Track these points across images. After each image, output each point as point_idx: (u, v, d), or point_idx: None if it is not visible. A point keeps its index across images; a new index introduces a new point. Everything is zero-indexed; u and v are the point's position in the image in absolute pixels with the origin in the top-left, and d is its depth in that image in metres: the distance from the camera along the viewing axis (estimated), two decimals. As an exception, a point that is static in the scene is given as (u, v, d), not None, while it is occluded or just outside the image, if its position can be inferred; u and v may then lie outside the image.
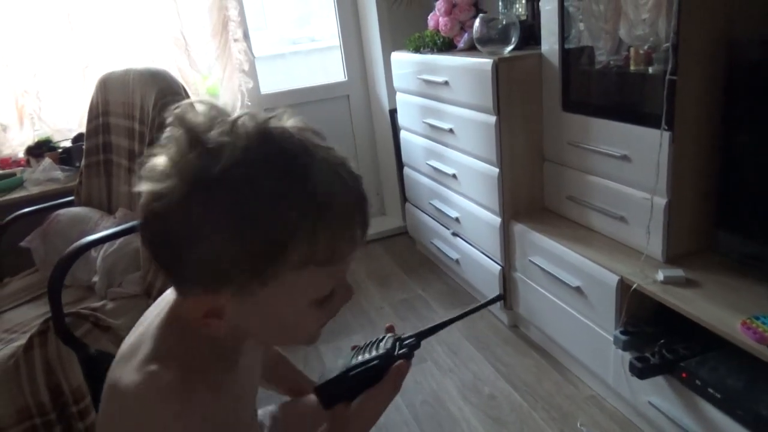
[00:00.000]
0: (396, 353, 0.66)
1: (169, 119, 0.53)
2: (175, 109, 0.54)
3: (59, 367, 1.45)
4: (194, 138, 0.52)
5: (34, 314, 1.67)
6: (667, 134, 1.43)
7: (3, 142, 2.43)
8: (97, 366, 1.49)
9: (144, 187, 0.53)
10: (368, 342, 0.70)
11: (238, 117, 0.54)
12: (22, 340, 1.46)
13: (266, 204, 0.51)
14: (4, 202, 2.07)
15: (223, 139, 0.52)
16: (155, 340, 0.59)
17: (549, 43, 1.84)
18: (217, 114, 0.54)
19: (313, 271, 0.55)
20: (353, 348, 0.71)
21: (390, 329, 0.73)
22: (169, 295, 0.63)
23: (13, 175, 2.25)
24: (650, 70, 1.52)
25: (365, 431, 0.64)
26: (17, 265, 1.95)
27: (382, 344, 0.68)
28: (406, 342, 0.69)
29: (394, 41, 2.79)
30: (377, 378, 0.65)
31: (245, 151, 0.52)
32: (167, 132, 0.54)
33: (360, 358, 0.67)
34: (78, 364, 1.47)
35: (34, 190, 2.16)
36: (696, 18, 1.36)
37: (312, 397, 0.71)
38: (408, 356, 0.67)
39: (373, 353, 0.67)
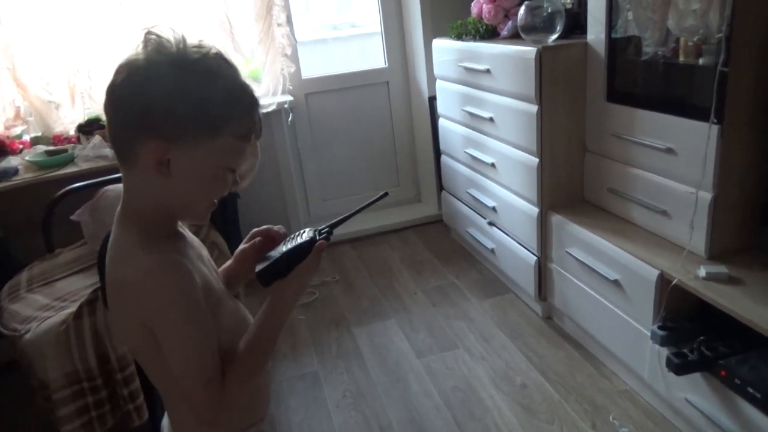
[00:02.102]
0: (317, 238, 0.84)
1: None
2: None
3: (106, 335, 1.52)
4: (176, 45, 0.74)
5: (83, 284, 1.75)
6: (715, 127, 1.40)
7: (55, 120, 2.52)
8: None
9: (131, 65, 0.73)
10: (290, 237, 0.86)
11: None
12: (73, 308, 1.53)
13: (223, 86, 0.74)
14: (56, 177, 2.15)
15: (198, 49, 0.75)
16: (123, 229, 0.79)
17: (595, 33, 1.81)
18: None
19: (234, 143, 0.77)
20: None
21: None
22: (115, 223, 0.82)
23: (65, 151, 2.32)
24: (700, 61, 1.48)
25: (299, 295, 0.84)
26: (67, 237, 2.04)
27: (304, 235, 0.84)
28: (323, 231, 0.85)
29: (435, 28, 2.78)
30: (303, 257, 0.82)
31: (209, 55, 0.75)
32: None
33: (286, 247, 0.84)
34: (124, 334, 1.53)
35: (84, 166, 2.23)
36: (750, 8, 1.32)
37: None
38: (326, 239, 0.84)
39: (298, 241, 0.84)
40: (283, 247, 0.85)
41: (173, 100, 0.72)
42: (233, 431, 0.89)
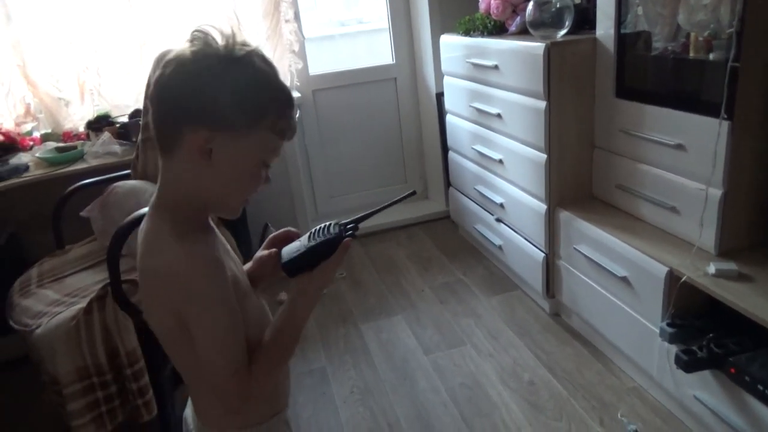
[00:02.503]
0: (344, 234, 0.86)
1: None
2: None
3: (116, 330, 1.53)
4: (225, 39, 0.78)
5: (93, 280, 1.76)
6: (726, 123, 1.38)
7: (65, 117, 2.53)
8: (150, 331, 1.56)
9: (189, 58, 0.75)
10: (315, 229, 0.88)
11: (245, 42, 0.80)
12: (83, 304, 1.55)
13: (266, 82, 0.78)
14: (66, 174, 2.17)
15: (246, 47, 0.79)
16: (157, 222, 0.81)
17: (604, 28, 1.79)
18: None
19: (271, 138, 0.80)
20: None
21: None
22: (145, 219, 0.84)
23: (75, 148, 2.34)
24: (711, 57, 1.47)
25: (322, 289, 0.87)
26: (77, 233, 2.05)
27: (330, 229, 0.87)
28: (349, 226, 0.87)
29: (443, 24, 2.77)
30: (329, 252, 0.85)
31: (253, 53, 0.79)
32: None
33: (313, 241, 0.86)
34: (133, 329, 1.54)
35: (93, 162, 2.24)
36: (762, 3, 1.30)
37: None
38: (352, 236, 0.87)
39: (325, 235, 0.86)
40: (308, 241, 0.87)
41: (220, 91, 0.75)
42: (258, 420, 0.91)
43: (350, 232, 0.86)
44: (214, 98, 0.75)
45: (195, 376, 0.87)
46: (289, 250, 0.88)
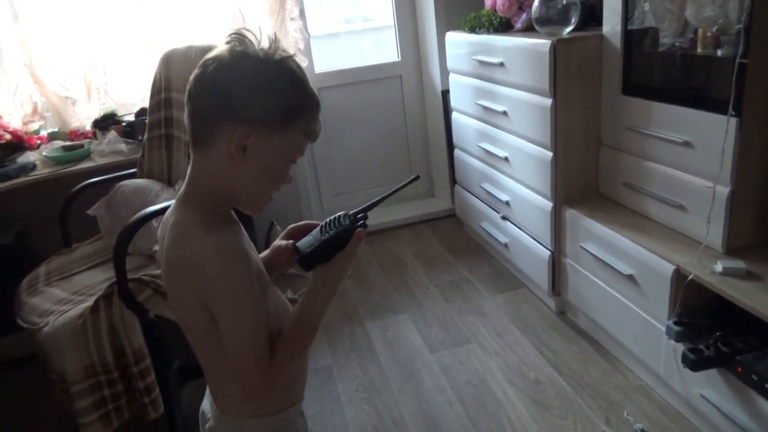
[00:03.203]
0: (356, 225, 0.87)
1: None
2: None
3: (122, 329, 1.53)
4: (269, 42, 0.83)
5: (100, 278, 1.77)
6: (734, 120, 1.37)
7: (72, 115, 2.54)
8: (156, 330, 1.57)
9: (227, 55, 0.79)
10: (327, 222, 0.89)
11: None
12: (89, 302, 1.55)
13: (301, 86, 0.82)
14: (73, 172, 2.18)
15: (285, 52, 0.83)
16: (184, 213, 0.84)
17: (611, 24, 1.78)
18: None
19: (300, 139, 0.84)
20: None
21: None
22: (171, 208, 0.87)
23: (81, 146, 2.35)
24: (719, 53, 1.46)
25: (339, 280, 0.89)
26: (84, 232, 2.06)
27: (341, 220, 0.88)
28: (359, 216, 0.88)
29: (449, 21, 2.76)
30: (343, 244, 0.86)
31: (290, 59, 0.83)
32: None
33: (325, 235, 0.88)
34: (139, 328, 1.55)
35: (100, 161, 2.25)
36: (772, -2, 1.29)
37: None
38: (363, 226, 0.88)
39: (336, 227, 0.87)
40: (320, 234, 0.88)
41: (261, 90, 0.79)
42: (276, 409, 0.93)
43: (361, 221, 0.88)
44: (255, 98, 0.78)
45: (217, 366, 0.89)
46: (303, 244, 0.90)
